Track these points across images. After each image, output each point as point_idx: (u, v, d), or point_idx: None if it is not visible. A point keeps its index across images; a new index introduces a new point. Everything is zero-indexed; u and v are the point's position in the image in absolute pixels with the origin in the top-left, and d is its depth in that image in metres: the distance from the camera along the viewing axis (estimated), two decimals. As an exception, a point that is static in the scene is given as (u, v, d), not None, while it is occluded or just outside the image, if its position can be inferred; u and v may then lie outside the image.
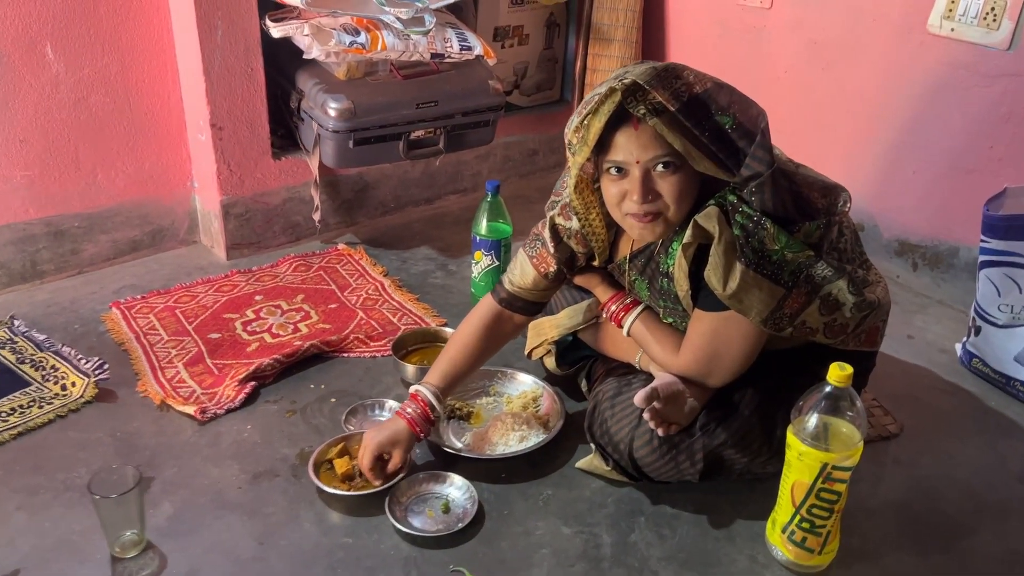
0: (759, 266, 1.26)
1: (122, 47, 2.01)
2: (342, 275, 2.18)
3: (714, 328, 1.36)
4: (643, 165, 1.28)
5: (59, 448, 1.55)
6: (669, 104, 1.22)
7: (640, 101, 1.23)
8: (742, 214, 1.26)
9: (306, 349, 1.81)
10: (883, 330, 1.51)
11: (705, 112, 1.25)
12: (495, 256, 1.95)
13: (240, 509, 1.44)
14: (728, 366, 1.38)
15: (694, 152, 1.25)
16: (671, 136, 1.23)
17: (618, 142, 1.29)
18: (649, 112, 1.23)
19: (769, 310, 1.29)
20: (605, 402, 1.49)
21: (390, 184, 2.45)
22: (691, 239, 1.29)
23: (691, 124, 1.23)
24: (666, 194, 1.30)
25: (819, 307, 1.31)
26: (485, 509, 1.45)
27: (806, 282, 1.28)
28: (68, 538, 1.36)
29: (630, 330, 1.50)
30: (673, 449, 1.41)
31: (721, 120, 1.25)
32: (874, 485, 1.53)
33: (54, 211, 2.05)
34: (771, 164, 1.25)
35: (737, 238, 1.26)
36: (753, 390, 1.42)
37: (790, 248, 1.27)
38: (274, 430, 1.62)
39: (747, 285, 1.26)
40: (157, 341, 1.87)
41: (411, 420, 1.48)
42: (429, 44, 2.08)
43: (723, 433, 1.40)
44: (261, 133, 2.16)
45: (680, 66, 1.29)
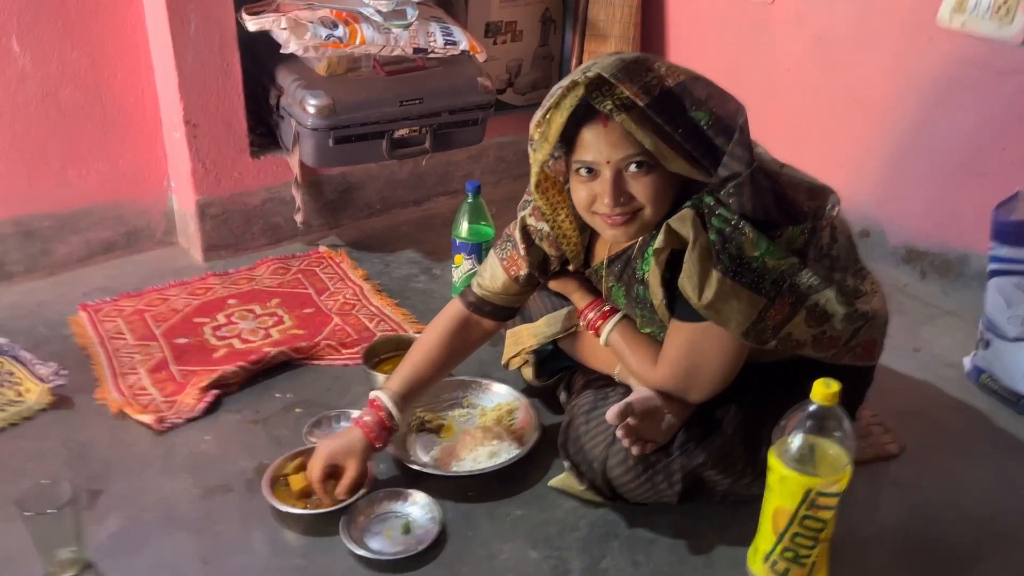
0: (737, 274, 1.16)
1: (92, 40, 1.94)
2: (321, 279, 2.09)
3: (691, 340, 1.26)
4: (614, 165, 1.19)
5: (8, 459, 1.48)
6: (638, 99, 1.13)
7: (607, 96, 1.14)
8: (719, 218, 1.16)
9: (274, 356, 1.73)
10: (881, 343, 1.40)
11: (678, 107, 1.15)
12: (476, 260, 1.86)
13: (189, 526, 1.36)
14: (708, 380, 1.28)
15: (666, 151, 1.15)
16: (640, 134, 1.14)
17: (586, 140, 1.20)
18: (616, 108, 1.14)
19: (750, 321, 1.18)
20: (580, 417, 1.40)
21: (376, 185, 2.37)
22: (663, 244, 1.19)
23: (663, 120, 1.14)
24: (640, 195, 1.21)
25: (805, 318, 1.21)
26: (448, 530, 1.36)
27: (790, 291, 1.18)
28: (7, 555, 1.29)
29: (607, 340, 1.40)
30: (649, 469, 1.31)
31: (696, 116, 1.15)
32: (869, 510, 1.42)
33: (23, 210, 1.98)
34: (750, 163, 1.16)
35: (713, 243, 1.16)
36: (736, 406, 1.33)
37: (771, 255, 1.16)
38: (233, 441, 1.54)
39: (724, 294, 1.16)
40: (122, 346, 1.79)
41: (367, 428, 1.38)
42: (411, 38, 1.99)
43: (703, 453, 1.30)
44: (238, 130, 2.08)
45: (652, 57, 1.19)
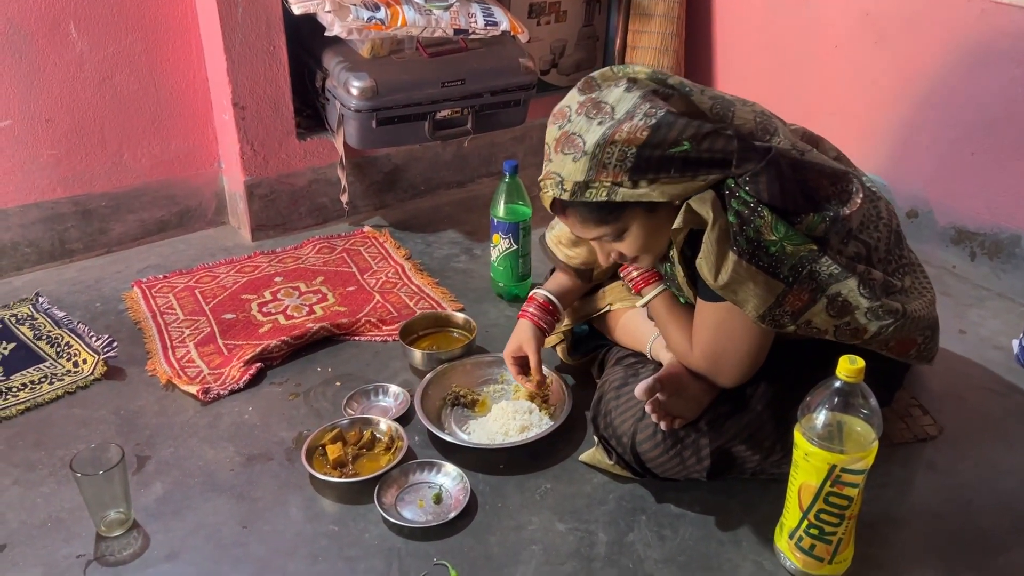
0: (754, 257, 1.16)
1: (146, 25, 2.01)
2: (364, 258, 2.14)
3: (717, 320, 1.26)
4: (593, 240, 1.28)
5: (62, 424, 1.56)
6: (620, 178, 1.16)
7: (597, 188, 1.17)
8: (738, 200, 1.16)
9: (315, 332, 1.78)
10: (923, 346, 1.37)
11: (659, 156, 1.15)
12: (513, 239, 1.88)
13: (229, 492, 1.41)
14: (736, 364, 1.28)
15: (674, 190, 1.16)
16: (644, 195, 1.16)
17: (565, 219, 1.29)
18: (612, 189, 1.17)
19: (767, 306, 1.18)
20: (610, 392, 1.41)
21: (420, 166, 2.40)
22: (682, 224, 1.19)
23: (652, 175, 1.16)
24: (626, 252, 1.28)
25: (826, 307, 1.20)
26: (479, 501, 1.38)
27: (809, 279, 1.17)
28: (57, 515, 1.36)
29: (649, 306, 1.41)
30: (678, 444, 1.32)
31: (679, 150, 1.15)
32: (902, 491, 1.40)
33: (81, 190, 2.07)
34: (766, 152, 1.16)
35: (732, 225, 1.16)
36: (767, 383, 1.32)
37: (790, 240, 1.16)
38: (274, 413, 1.59)
39: (740, 277, 1.16)
40: (173, 320, 1.86)
41: (531, 316, 1.53)
42: (452, 19, 2.01)
43: (732, 428, 1.31)
44: (285, 113, 2.13)
45: (610, 127, 1.16)
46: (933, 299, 1.39)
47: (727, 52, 2.48)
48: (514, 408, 1.52)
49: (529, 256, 1.94)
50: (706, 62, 2.53)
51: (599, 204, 1.19)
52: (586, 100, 1.21)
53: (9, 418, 1.56)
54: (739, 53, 2.45)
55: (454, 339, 1.77)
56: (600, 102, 1.19)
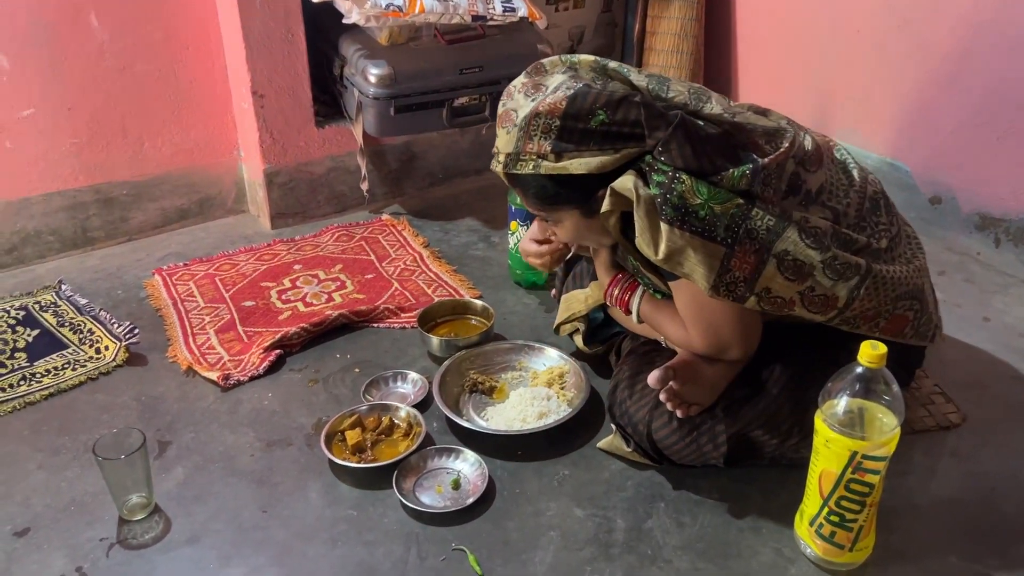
0: (684, 223, 1.16)
1: (166, 15, 2.02)
2: (383, 246, 2.14)
3: (690, 295, 1.28)
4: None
5: (85, 410, 1.57)
6: (544, 148, 1.22)
7: (525, 159, 1.24)
8: (658, 172, 1.18)
9: (334, 319, 1.79)
10: (916, 321, 1.33)
11: (579, 126, 1.20)
12: (530, 226, 1.87)
13: (250, 477, 1.42)
14: (733, 334, 1.29)
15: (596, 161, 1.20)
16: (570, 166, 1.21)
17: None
18: (537, 163, 1.22)
19: (715, 273, 1.18)
20: (625, 380, 1.41)
21: (438, 154, 2.40)
22: (610, 207, 1.21)
23: (575, 145, 1.20)
24: (562, 238, 1.35)
25: (779, 269, 1.19)
26: (497, 487, 1.39)
27: (748, 238, 1.17)
28: (81, 499, 1.37)
29: (639, 314, 1.42)
30: (694, 431, 1.31)
31: (597, 120, 1.20)
32: (924, 479, 1.39)
33: (102, 179, 2.08)
34: (669, 122, 1.18)
35: (655, 196, 1.17)
36: (782, 366, 1.32)
37: (715, 199, 1.17)
38: (294, 399, 1.60)
39: (678, 246, 1.17)
40: (193, 308, 1.87)
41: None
42: (470, 6, 2.00)
43: (749, 413, 1.30)
44: (303, 101, 2.14)
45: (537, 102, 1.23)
46: (922, 267, 1.35)
47: (747, 37, 2.46)
48: (532, 395, 1.52)
49: (547, 243, 1.93)
50: (726, 47, 2.51)
51: (536, 191, 1.28)
52: (529, 82, 1.30)
53: (33, 403, 1.58)
54: (759, 38, 2.43)
55: (472, 326, 1.77)
56: (540, 84, 1.28)
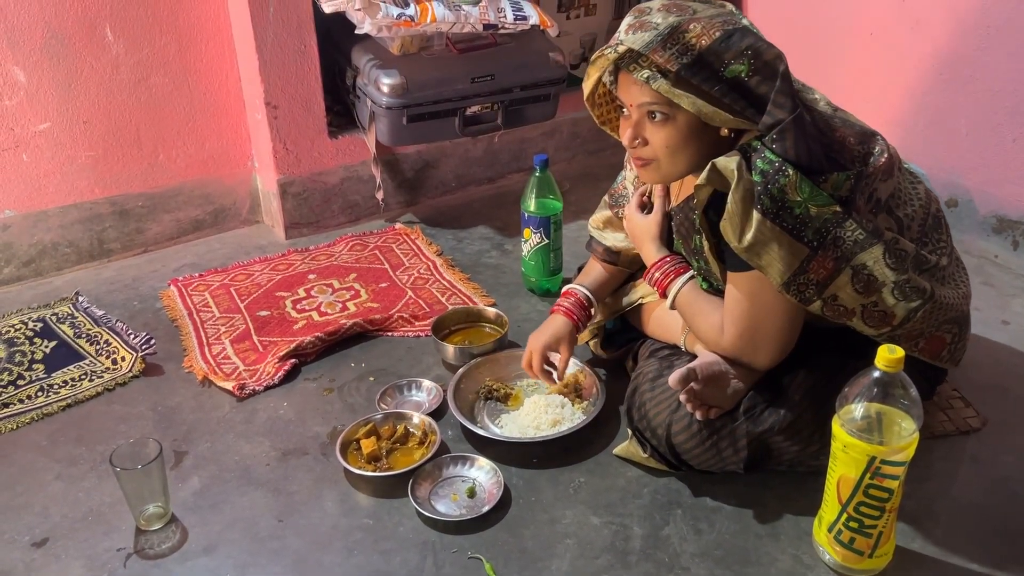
0: (778, 217, 1.15)
1: (180, 27, 2.03)
2: (396, 254, 2.14)
3: (748, 291, 1.25)
4: (636, 109, 1.25)
5: (102, 420, 1.58)
6: (669, 66, 1.16)
7: (643, 65, 1.18)
8: (763, 159, 1.16)
9: (349, 328, 1.79)
10: (953, 345, 1.34)
11: (712, 67, 1.17)
12: (544, 234, 1.87)
13: (265, 486, 1.42)
14: (769, 339, 1.27)
15: (706, 109, 1.17)
16: (678, 97, 1.17)
17: (620, 82, 1.25)
18: (653, 75, 1.17)
19: (791, 271, 1.17)
20: (645, 384, 1.40)
21: (451, 163, 2.40)
22: (705, 181, 1.19)
23: (698, 81, 1.16)
24: (654, 143, 1.25)
25: (852, 280, 1.18)
26: (512, 495, 1.38)
27: (834, 245, 1.17)
28: (98, 509, 1.38)
29: (674, 301, 1.39)
30: (714, 435, 1.31)
31: (734, 69, 1.17)
32: (945, 484, 1.37)
33: (118, 191, 2.10)
34: (793, 109, 1.16)
35: (756, 184, 1.15)
36: (805, 372, 1.31)
37: (814, 200, 1.15)
38: (309, 408, 1.60)
39: (765, 238, 1.16)
40: (208, 318, 1.88)
41: (567, 311, 1.53)
42: (482, 15, 2.01)
43: (769, 418, 1.29)
44: (316, 111, 2.15)
45: (686, 19, 1.19)
46: (968, 294, 1.37)
47: (759, 42, 2.45)
48: (546, 402, 1.51)
49: (560, 251, 1.93)
50: (738, 53, 2.50)
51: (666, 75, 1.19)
52: (671, 3, 1.23)
53: (51, 414, 1.59)
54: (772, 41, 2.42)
55: (486, 334, 1.77)
56: (685, 5, 1.23)
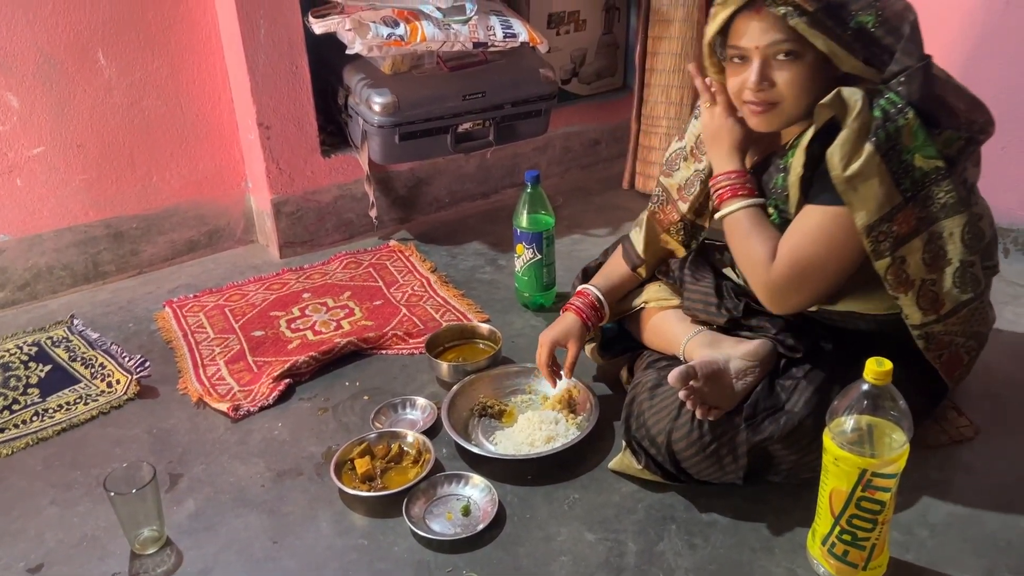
0: (887, 155, 1.18)
1: (172, 50, 2.05)
2: (391, 272, 2.15)
3: (820, 223, 1.25)
4: (763, 51, 1.25)
5: (98, 444, 1.58)
6: (807, 5, 1.18)
7: (781, 3, 1.20)
8: (887, 100, 1.19)
9: (343, 347, 1.79)
10: (966, 369, 1.39)
11: (843, 13, 1.20)
12: (537, 249, 1.88)
13: (260, 507, 1.42)
14: (815, 278, 1.28)
15: (839, 51, 1.20)
16: (814, 36, 1.20)
17: (741, 28, 1.26)
18: (790, 11, 1.19)
19: (880, 215, 1.20)
20: (643, 393, 1.40)
21: (444, 179, 2.41)
22: (829, 102, 1.20)
23: (832, 23, 1.19)
24: (783, 84, 1.26)
25: (924, 246, 1.22)
26: (507, 512, 1.38)
27: (924, 202, 1.20)
28: (93, 534, 1.38)
29: (731, 214, 1.35)
30: (714, 442, 1.31)
31: (863, 18, 1.20)
32: (939, 494, 1.37)
33: (112, 213, 2.11)
34: (922, 58, 1.19)
35: (875, 118, 1.18)
36: (805, 382, 1.31)
37: (923, 151, 1.18)
38: (304, 428, 1.61)
39: (869, 172, 1.18)
40: (203, 339, 1.89)
41: (578, 310, 1.55)
42: (471, 33, 2.02)
43: (769, 427, 1.30)
44: (309, 131, 2.16)
45: None
46: (994, 319, 1.42)
47: (749, 54, 2.47)
48: (540, 418, 1.52)
49: (553, 265, 1.94)
50: (728, 65, 2.51)
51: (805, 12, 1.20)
52: None
53: (46, 439, 1.59)
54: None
55: (480, 350, 1.78)
56: None
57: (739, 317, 1.39)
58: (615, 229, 2.35)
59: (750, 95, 1.28)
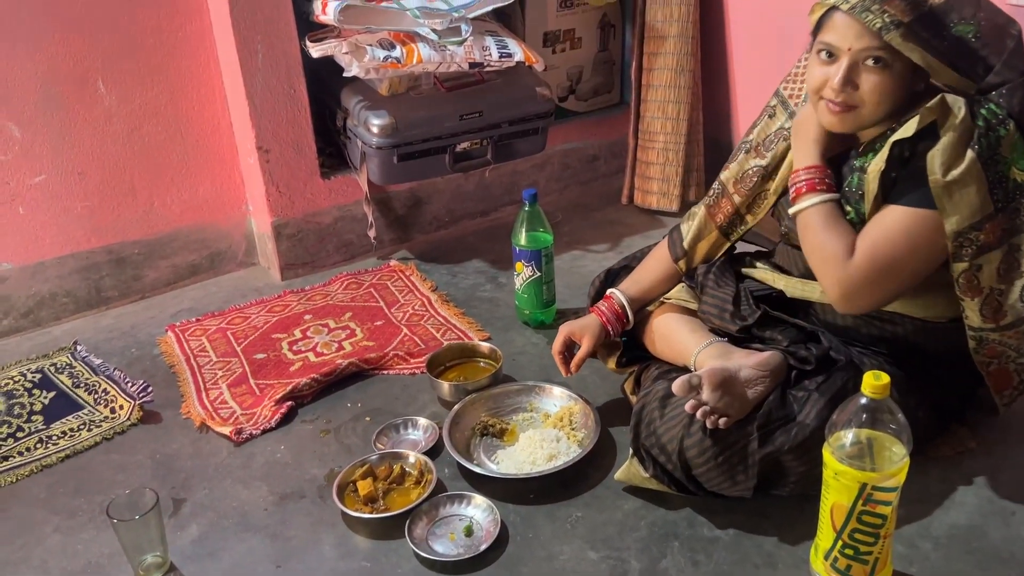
0: (987, 164, 1.20)
1: (171, 77, 2.07)
2: (391, 291, 2.16)
3: (905, 224, 1.26)
4: (853, 54, 1.25)
5: (101, 470, 1.59)
6: (903, 16, 1.20)
7: (875, 12, 1.21)
8: (988, 110, 1.21)
9: (344, 368, 1.80)
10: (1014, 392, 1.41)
11: (943, 22, 1.21)
12: (536, 267, 1.88)
13: (264, 531, 1.42)
14: (897, 281, 1.29)
15: (935, 64, 1.22)
16: (907, 48, 1.21)
17: (835, 24, 1.27)
18: (886, 25, 1.20)
19: (970, 222, 1.22)
20: (654, 402, 1.40)
21: (443, 198, 2.43)
22: (933, 107, 1.21)
23: (928, 34, 1.20)
24: (866, 90, 1.27)
25: (1002, 258, 1.24)
26: (510, 532, 1.38)
27: (1012, 214, 1.22)
28: (97, 561, 1.38)
29: (808, 209, 1.35)
30: (726, 451, 1.30)
31: (962, 29, 1.22)
32: (942, 506, 1.37)
33: (114, 239, 2.12)
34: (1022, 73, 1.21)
35: (978, 128, 1.20)
36: (818, 393, 1.32)
37: (1019, 163, 1.21)
38: (306, 450, 1.61)
39: (970, 178, 1.20)
40: (206, 363, 1.89)
41: (603, 314, 1.58)
42: (467, 54, 2.04)
43: (780, 437, 1.29)
44: (308, 154, 2.17)
45: None
46: None
47: (743, 69, 2.48)
48: (541, 436, 1.52)
49: (553, 283, 1.94)
50: (723, 80, 2.53)
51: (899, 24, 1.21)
52: None
53: (50, 466, 1.60)
54: (755, 69, 2.45)
55: (481, 369, 1.78)
56: None
57: (751, 325, 1.40)
58: (615, 245, 2.35)
59: (831, 94, 1.28)
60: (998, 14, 1.26)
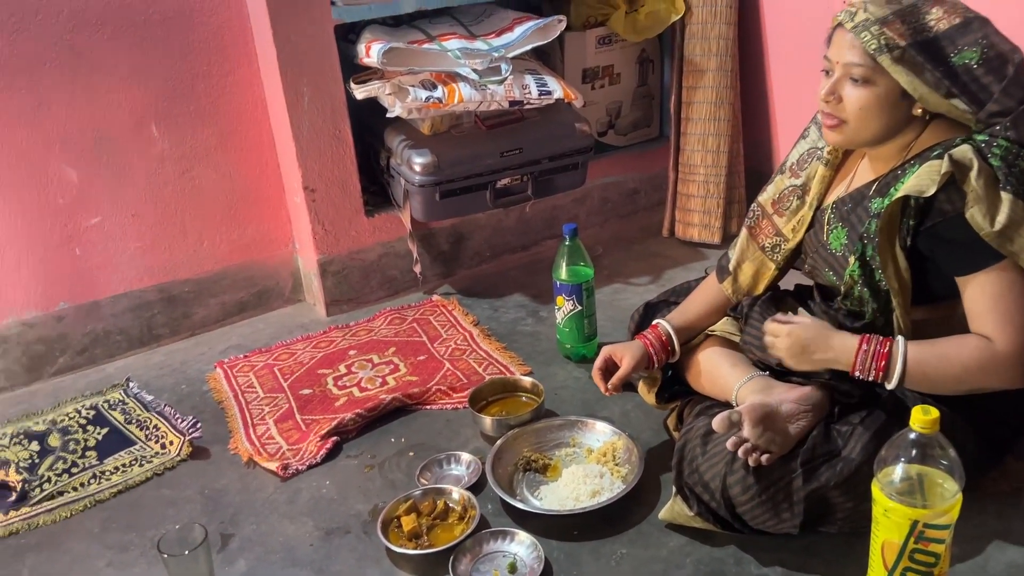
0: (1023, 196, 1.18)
1: (220, 120, 2.13)
2: (434, 326, 2.18)
3: (1007, 282, 1.21)
4: (840, 68, 1.29)
5: (152, 505, 1.62)
6: (900, 39, 1.21)
7: (873, 33, 1.23)
8: (999, 147, 1.20)
9: (388, 403, 1.82)
10: None
11: (945, 50, 1.21)
12: (577, 300, 1.89)
13: (310, 567, 1.44)
14: None
15: (922, 89, 1.22)
16: (896, 71, 1.22)
17: (835, 39, 1.31)
18: (880, 47, 1.22)
19: None
20: (696, 439, 1.39)
21: (485, 233, 2.45)
22: (948, 168, 1.19)
23: (923, 60, 1.21)
24: (847, 104, 1.29)
25: None
26: (553, 569, 1.37)
27: None
28: (148, 595, 1.41)
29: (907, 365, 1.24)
30: (771, 487, 1.29)
31: (963, 57, 1.21)
32: (998, 545, 1.33)
33: (165, 278, 2.18)
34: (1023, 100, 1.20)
35: (998, 168, 1.18)
36: (862, 427, 1.30)
37: None
38: (351, 485, 1.62)
39: (1018, 218, 1.17)
40: (253, 399, 1.93)
41: (648, 341, 1.57)
42: (507, 92, 2.07)
43: (826, 472, 1.27)
44: (353, 192, 2.22)
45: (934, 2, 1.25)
46: None
47: (782, 99, 2.48)
48: (584, 472, 1.51)
49: (594, 316, 1.95)
50: (763, 111, 2.52)
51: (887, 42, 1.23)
52: None
53: (103, 501, 1.64)
54: (794, 99, 2.44)
55: (523, 403, 1.78)
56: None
57: None
58: (656, 277, 2.35)
59: (821, 104, 1.33)
60: (1002, 42, 1.24)
